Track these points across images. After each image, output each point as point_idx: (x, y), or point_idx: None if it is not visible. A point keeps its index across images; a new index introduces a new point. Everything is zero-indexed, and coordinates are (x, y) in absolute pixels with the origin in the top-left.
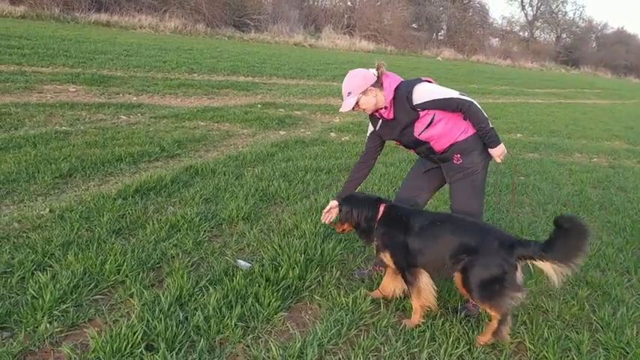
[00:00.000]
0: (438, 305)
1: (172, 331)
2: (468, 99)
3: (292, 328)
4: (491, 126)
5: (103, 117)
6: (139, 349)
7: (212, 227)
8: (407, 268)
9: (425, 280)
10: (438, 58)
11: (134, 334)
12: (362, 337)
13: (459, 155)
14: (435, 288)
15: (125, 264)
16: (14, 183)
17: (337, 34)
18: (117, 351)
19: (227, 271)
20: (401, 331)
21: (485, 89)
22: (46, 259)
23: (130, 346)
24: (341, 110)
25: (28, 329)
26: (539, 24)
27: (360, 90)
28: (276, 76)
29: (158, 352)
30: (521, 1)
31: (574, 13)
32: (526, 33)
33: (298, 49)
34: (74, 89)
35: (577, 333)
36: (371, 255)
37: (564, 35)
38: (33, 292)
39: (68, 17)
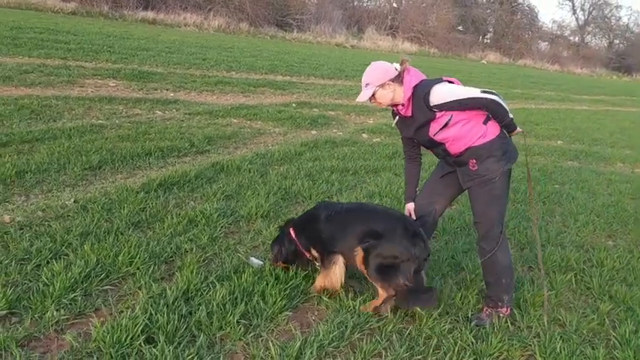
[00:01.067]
0: (449, 313)
1: (174, 324)
2: (489, 96)
3: (295, 329)
4: (510, 117)
5: (138, 112)
6: (139, 341)
7: (230, 223)
8: (326, 254)
9: (338, 269)
10: (483, 61)
11: (135, 325)
12: (365, 341)
13: (474, 160)
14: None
15: (138, 256)
16: (45, 173)
17: (380, 35)
18: (117, 341)
19: (237, 268)
20: (406, 336)
21: (528, 94)
22: (63, 248)
23: (130, 337)
24: (357, 100)
25: (35, 316)
26: (591, 29)
27: (378, 82)
28: (314, 76)
29: (157, 345)
30: (573, 5)
31: (628, 19)
32: (577, 38)
33: (339, 50)
34: (114, 84)
35: (593, 349)
36: None
37: (617, 41)
38: (45, 280)
39: (116, 14)
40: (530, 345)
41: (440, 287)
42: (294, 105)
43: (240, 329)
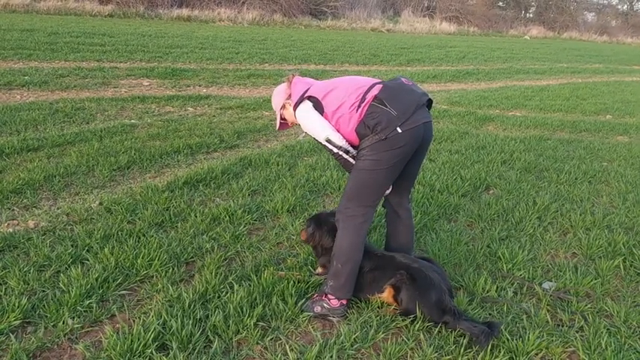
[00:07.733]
0: (484, 307)
1: (188, 330)
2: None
3: (315, 330)
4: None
5: (171, 109)
6: (150, 349)
7: (254, 220)
8: None
9: None
10: (526, 37)
11: (147, 332)
12: (390, 342)
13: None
14: None
15: (157, 258)
16: (73, 176)
17: (416, 17)
18: (128, 350)
19: (258, 268)
20: (435, 335)
21: (574, 68)
22: (83, 252)
23: (142, 345)
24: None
25: (49, 325)
26: None
27: (279, 106)
28: (348, 63)
29: (170, 352)
30: None
31: None
32: (625, 6)
33: (375, 35)
34: (148, 83)
35: None
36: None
37: None
38: (62, 287)
39: (152, 14)
40: (573, 340)
41: (474, 279)
42: None
43: (257, 332)
